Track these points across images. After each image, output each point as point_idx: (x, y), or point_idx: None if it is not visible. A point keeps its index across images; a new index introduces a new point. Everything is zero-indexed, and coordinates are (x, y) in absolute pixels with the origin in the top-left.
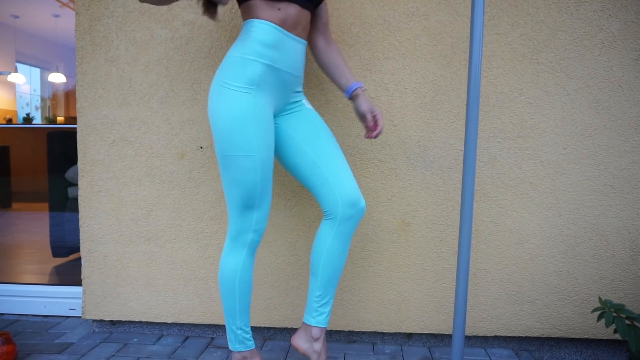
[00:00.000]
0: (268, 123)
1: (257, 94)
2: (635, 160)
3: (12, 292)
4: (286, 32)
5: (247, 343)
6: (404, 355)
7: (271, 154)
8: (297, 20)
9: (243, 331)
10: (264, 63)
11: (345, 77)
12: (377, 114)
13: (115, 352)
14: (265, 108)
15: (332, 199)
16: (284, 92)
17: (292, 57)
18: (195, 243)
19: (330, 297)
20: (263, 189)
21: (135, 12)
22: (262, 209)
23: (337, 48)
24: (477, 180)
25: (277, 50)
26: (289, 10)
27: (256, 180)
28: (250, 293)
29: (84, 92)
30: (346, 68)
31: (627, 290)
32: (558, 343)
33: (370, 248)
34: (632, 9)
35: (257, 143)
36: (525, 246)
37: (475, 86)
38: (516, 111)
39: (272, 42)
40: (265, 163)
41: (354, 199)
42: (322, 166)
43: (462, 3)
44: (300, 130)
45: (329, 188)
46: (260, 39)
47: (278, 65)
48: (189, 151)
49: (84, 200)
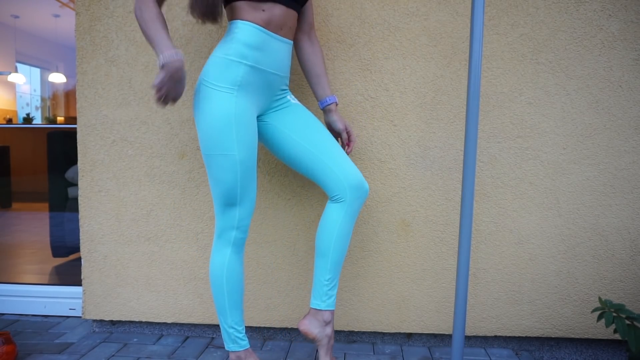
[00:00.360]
0: (249, 124)
1: (240, 95)
2: (635, 160)
3: (12, 292)
4: (270, 33)
5: (241, 342)
6: (404, 355)
7: (252, 153)
8: (282, 21)
9: (235, 330)
10: (247, 64)
11: (322, 88)
12: (350, 130)
13: (115, 352)
14: (247, 109)
15: (339, 184)
16: (269, 92)
17: (277, 58)
18: (195, 243)
19: (337, 279)
20: (244, 188)
21: None
22: (244, 207)
23: (321, 53)
24: (477, 180)
25: (261, 51)
26: (274, 11)
27: (236, 179)
28: (241, 291)
29: (84, 92)
30: (325, 78)
31: (627, 290)
32: (558, 343)
33: (370, 248)
34: (632, 9)
35: (237, 143)
36: (525, 246)
37: (475, 86)
38: (516, 111)
39: (256, 44)
40: (245, 162)
41: (359, 181)
42: (320, 154)
43: (462, 3)
44: (291, 124)
45: (334, 174)
46: (244, 41)
47: (262, 66)
48: (189, 151)
49: (84, 200)
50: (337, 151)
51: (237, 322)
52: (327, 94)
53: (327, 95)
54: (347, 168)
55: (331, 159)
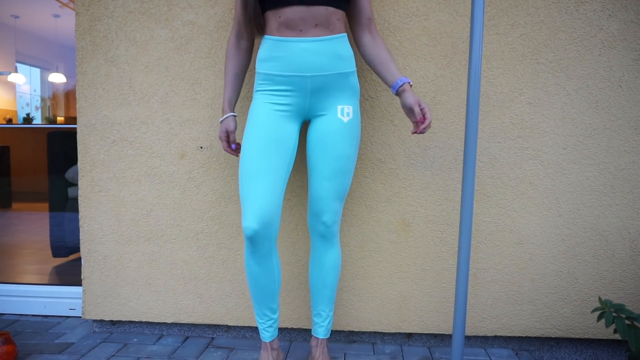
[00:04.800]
0: (266, 117)
1: (258, 97)
2: (635, 160)
3: (12, 292)
4: (280, 38)
5: (263, 334)
6: (404, 355)
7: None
8: (300, 21)
9: (259, 322)
10: (260, 72)
11: (390, 73)
12: (424, 107)
13: (115, 352)
14: (262, 106)
15: (309, 213)
16: (299, 94)
17: (296, 59)
18: (195, 243)
19: (320, 309)
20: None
21: (135, 12)
22: (250, 203)
23: (384, 43)
24: (477, 180)
25: (271, 59)
26: (289, 14)
27: (247, 166)
28: (261, 287)
29: (84, 92)
30: (392, 64)
31: (627, 290)
32: (558, 343)
33: (370, 248)
34: (632, 9)
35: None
36: (525, 246)
37: (475, 86)
38: (516, 111)
39: (265, 55)
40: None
41: (317, 212)
42: (312, 179)
43: (462, 3)
44: (314, 138)
45: (310, 201)
46: (258, 56)
47: (274, 71)
48: (189, 151)
49: (84, 200)
50: (324, 184)
51: (258, 314)
52: (397, 77)
53: (397, 78)
54: (317, 198)
55: (312, 187)
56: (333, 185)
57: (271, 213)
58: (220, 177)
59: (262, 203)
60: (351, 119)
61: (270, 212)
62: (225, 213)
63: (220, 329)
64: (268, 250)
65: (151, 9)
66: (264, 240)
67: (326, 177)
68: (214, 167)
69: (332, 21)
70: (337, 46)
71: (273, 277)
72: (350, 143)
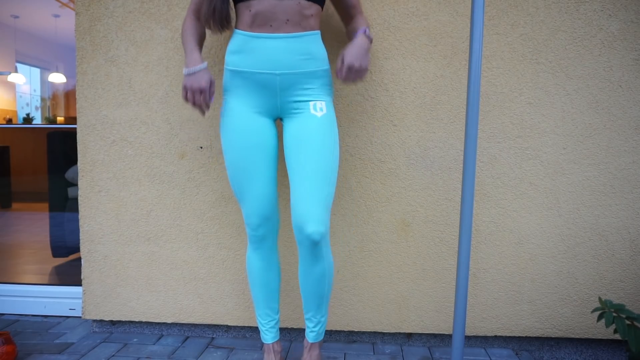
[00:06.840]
0: (241, 123)
1: (230, 99)
2: (635, 160)
3: (12, 292)
4: (251, 34)
5: (264, 336)
6: (404, 355)
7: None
8: (271, 15)
9: (260, 323)
10: (228, 69)
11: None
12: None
13: (115, 352)
14: (235, 109)
15: (293, 220)
16: (268, 93)
17: (266, 56)
18: (195, 243)
19: (311, 314)
20: (242, 186)
21: (135, 12)
22: (247, 205)
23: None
24: (477, 180)
25: (240, 54)
26: (258, 7)
27: (235, 174)
28: (263, 287)
29: (84, 92)
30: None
31: (627, 290)
32: (558, 343)
33: (370, 248)
34: (632, 9)
35: (229, 145)
36: (525, 246)
37: (475, 86)
38: (516, 111)
39: (234, 48)
40: (236, 163)
41: (300, 223)
42: (292, 182)
43: (462, 3)
44: (290, 137)
45: (292, 207)
46: (228, 49)
47: (243, 68)
48: (189, 151)
49: (84, 200)
50: (305, 184)
51: (260, 314)
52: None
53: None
54: (299, 204)
55: (294, 189)
56: (315, 185)
57: (269, 207)
58: (220, 177)
59: (259, 203)
60: (325, 113)
61: (267, 206)
62: (225, 213)
63: (220, 329)
64: (270, 246)
65: (151, 9)
66: (266, 234)
67: (307, 175)
68: (214, 167)
69: (305, 17)
70: (308, 44)
71: (275, 274)
72: (328, 136)
